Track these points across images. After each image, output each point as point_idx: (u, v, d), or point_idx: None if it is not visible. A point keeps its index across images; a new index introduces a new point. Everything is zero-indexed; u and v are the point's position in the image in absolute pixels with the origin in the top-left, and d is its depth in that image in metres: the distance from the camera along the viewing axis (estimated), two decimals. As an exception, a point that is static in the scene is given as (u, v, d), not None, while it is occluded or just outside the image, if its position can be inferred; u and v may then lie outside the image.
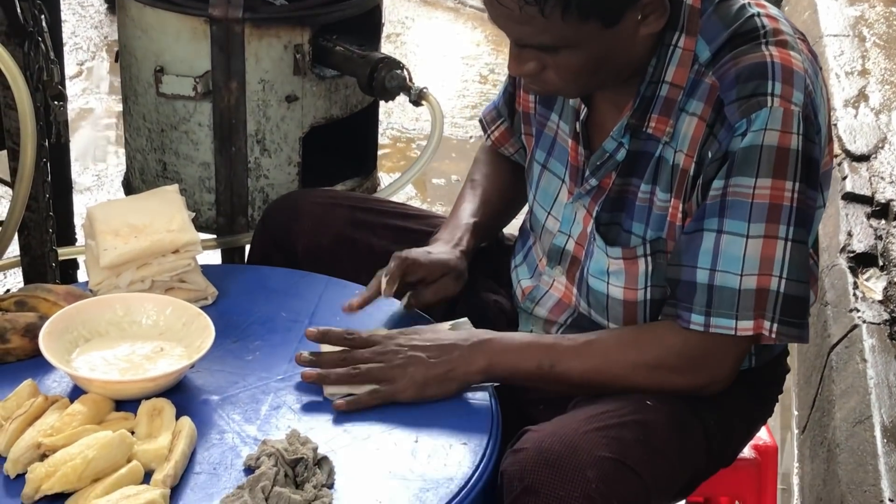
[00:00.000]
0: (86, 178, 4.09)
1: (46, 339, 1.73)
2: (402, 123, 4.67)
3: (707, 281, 1.69)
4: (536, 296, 1.98)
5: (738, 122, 1.66)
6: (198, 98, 2.44)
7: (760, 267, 1.68)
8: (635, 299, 1.82)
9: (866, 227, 3.39)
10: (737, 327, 1.69)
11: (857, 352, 2.84)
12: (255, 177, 2.52)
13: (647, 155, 1.77)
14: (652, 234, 1.78)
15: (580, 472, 1.58)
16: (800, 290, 1.70)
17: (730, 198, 1.67)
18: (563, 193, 1.92)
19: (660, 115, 1.75)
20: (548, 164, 1.95)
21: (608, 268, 1.83)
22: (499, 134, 2.16)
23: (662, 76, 1.74)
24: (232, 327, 1.90)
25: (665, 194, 1.76)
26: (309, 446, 1.60)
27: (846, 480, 2.46)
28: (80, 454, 1.53)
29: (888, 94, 4.26)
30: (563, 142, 1.92)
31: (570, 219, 1.90)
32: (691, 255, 1.71)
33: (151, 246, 1.91)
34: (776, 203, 1.66)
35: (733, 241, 1.68)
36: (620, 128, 1.78)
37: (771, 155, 1.65)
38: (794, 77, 1.67)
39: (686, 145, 1.73)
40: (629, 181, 1.80)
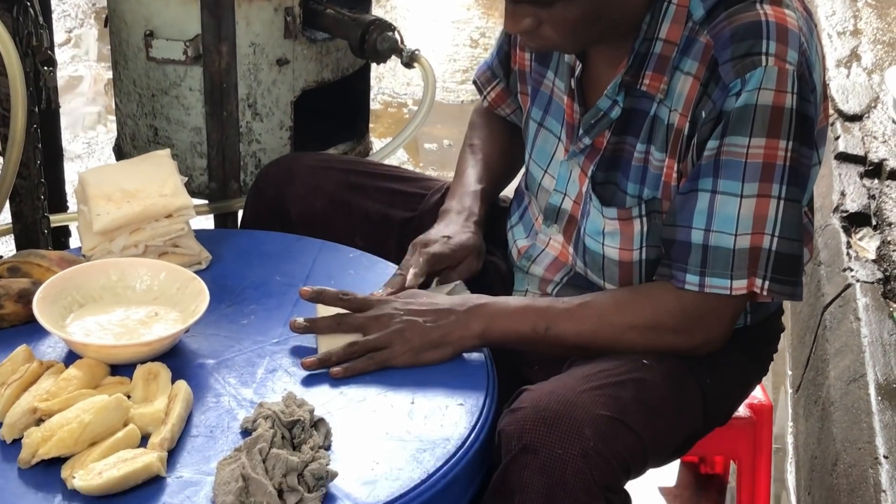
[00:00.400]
0: (76, 146, 4.07)
1: (40, 305, 1.73)
2: (394, 88, 4.65)
3: (702, 241, 1.69)
4: (533, 254, 1.97)
5: (733, 82, 1.65)
6: (188, 62, 2.43)
7: (754, 226, 1.68)
8: (631, 259, 1.82)
9: (859, 187, 3.38)
10: (732, 286, 1.70)
11: (850, 311, 2.84)
12: (246, 141, 2.51)
13: (642, 113, 1.77)
14: (648, 193, 1.78)
15: (578, 430, 1.58)
16: (792, 247, 1.70)
17: (724, 157, 1.67)
18: (560, 151, 1.92)
19: (654, 72, 1.75)
20: (544, 122, 1.95)
21: (603, 228, 1.82)
22: (495, 95, 2.15)
23: (657, 33, 1.74)
24: (226, 291, 1.90)
25: (661, 154, 1.76)
26: (305, 408, 1.60)
27: (841, 438, 2.46)
28: (76, 418, 1.53)
29: (880, 54, 4.25)
30: (559, 99, 1.91)
31: (566, 177, 1.89)
32: (686, 216, 1.71)
33: (144, 210, 1.91)
34: (770, 162, 1.66)
35: (727, 202, 1.68)
36: (615, 85, 1.78)
37: (765, 114, 1.65)
38: (788, 35, 1.66)
39: (681, 104, 1.72)
40: (624, 140, 1.80)
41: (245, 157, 2.53)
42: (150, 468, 1.49)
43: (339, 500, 1.50)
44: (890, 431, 2.39)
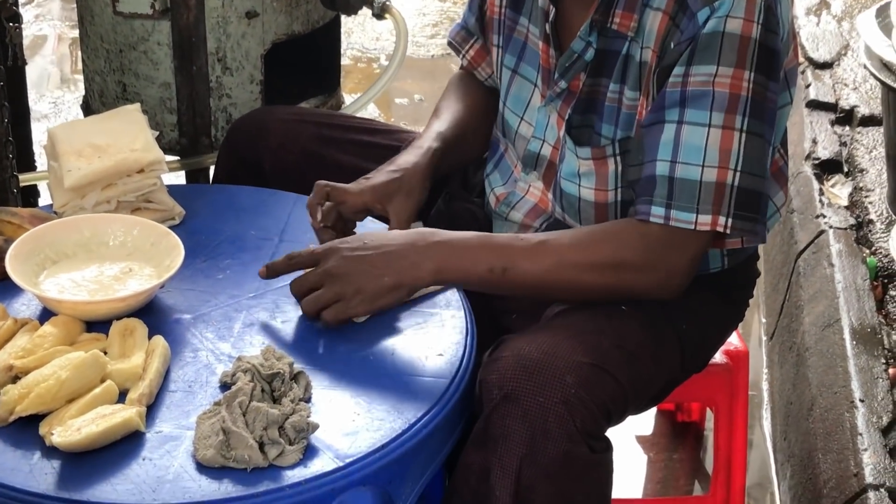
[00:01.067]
0: (42, 106, 4.03)
1: (13, 262, 1.71)
2: (363, 43, 4.61)
3: (668, 173, 1.67)
4: (512, 201, 1.96)
5: (701, 10, 1.65)
6: (156, 16, 2.40)
7: (720, 160, 1.66)
8: (606, 200, 1.81)
9: (831, 134, 3.39)
10: (696, 221, 1.67)
11: (824, 257, 2.85)
12: (217, 96, 2.49)
13: (615, 54, 1.76)
14: (621, 133, 1.77)
15: (559, 377, 1.58)
16: (754, 183, 1.68)
17: (691, 87, 1.66)
18: (536, 98, 1.90)
19: (623, 10, 1.74)
20: (518, 69, 1.93)
21: (578, 169, 1.82)
22: (474, 53, 2.10)
23: None
24: (201, 247, 1.88)
25: (633, 92, 1.75)
26: (285, 361, 1.59)
27: (816, 383, 2.48)
28: (53, 375, 1.51)
29: (849, 1, 4.25)
30: (533, 45, 1.90)
31: (544, 123, 1.88)
32: (651, 149, 1.69)
33: (116, 166, 1.88)
34: (735, 93, 1.65)
35: (694, 131, 1.66)
36: (587, 26, 1.77)
37: (733, 42, 1.64)
38: None
39: (651, 41, 1.72)
40: (599, 81, 1.79)
41: (215, 112, 2.51)
42: (129, 423, 1.48)
43: (321, 452, 1.50)
44: (865, 375, 2.41)
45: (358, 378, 1.63)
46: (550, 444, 1.56)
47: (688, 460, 2.62)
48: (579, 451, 1.57)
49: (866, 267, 2.77)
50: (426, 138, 1.98)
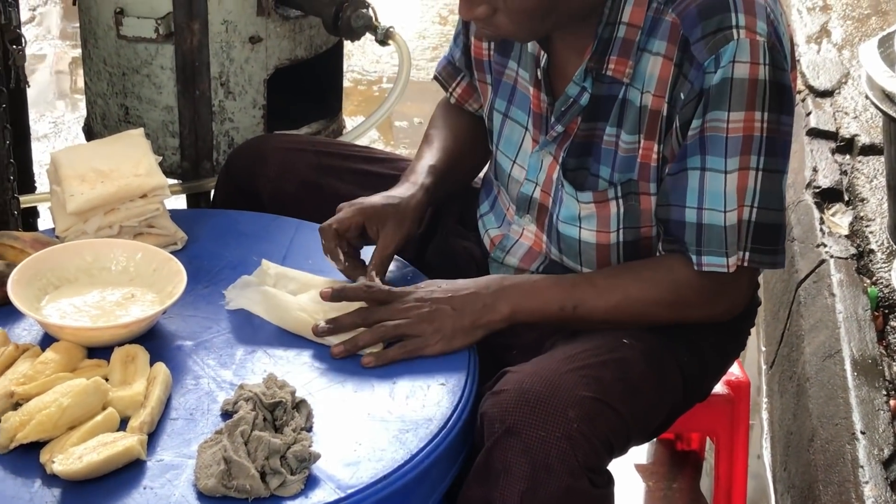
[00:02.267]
0: (42, 126, 4.02)
1: (15, 287, 1.70)
2: (363, 66, 4.62)
3: (696, 220, 1.71)
4: (506, 245, 1.96)
5: (707, 60, 1.65)
6: (160, 40, 2.40)
7: (738, 200, 1.69)
8: (608, 242, 1.82)
9: (831, 163, 3.39)
10: (728, 263, 1.72)
11: (825, 286, 2.85)
12: (219, 120, 2.48)
13: (611, 98, 1.76)
14: (620, 176, 1.77)
15: (561, 411, 1.58)
16: (770, 216, 1.71)
17: (708, 133, 1.68)
18: (528, 141, 1.90)
19: (619, 56, 1.74)
20: (509, 113, 1.92)
21: (579, 213, 1.82)
22: (461, 91, 2.09)
23: (619, 17, 1.72)
24: (203, 272, 1.88)
25: (631, 136, 1.75)
26: (287, 390, 1.58)
27: (817, 414, 2.47)
28: (54, 402, 1.51)
29: (850, 30, 4.26)
30: (523, 89, 1.89)
31: (537, 167, 1.88)
32: (678, 195, 1.72)
33: (118, 191, 1.88)
34: (748, 135, 1.67)
35: (715, 178, 1.69)
36: (581, 72, 1.76)
37: (742, 87, 1.65)
38: (755, 6, 1.67)
39: (653, 86, 1.71)
40: (595, 125, 1.79)
41: (218, 136, 2.50)
42: (130, 452, 1.48)
43: (322, 482, 1.49)
44: (866, 407, 2.40)
45: (360, 407, 1.63)
46: (552, 479, 1.55)
47: (687, 490, 2.61)
48: (581, 486, 1.57)
49: (867, 297, 2.77)
50: (419, 173, 1.98)
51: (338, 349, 1.71)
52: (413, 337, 1.72)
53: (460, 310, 1.74)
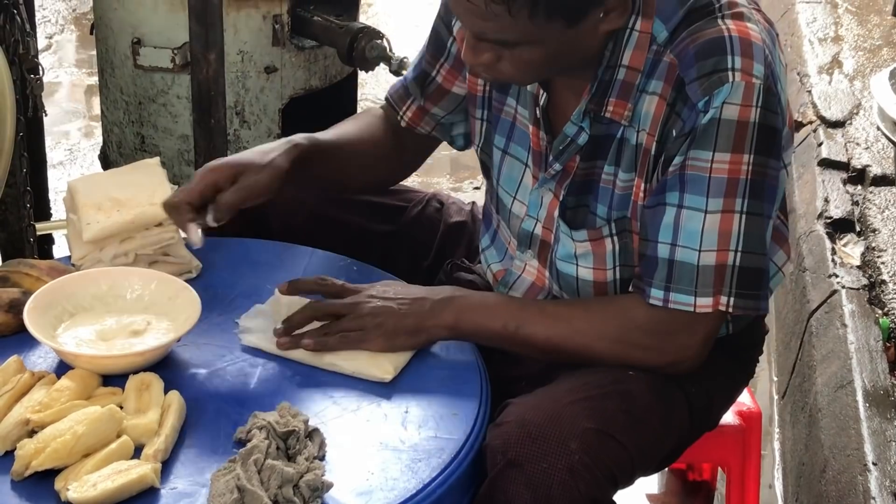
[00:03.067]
0: (58, 153, 4.05)
1: (31, 315, 1.72)
2: (376, 94, 4.64)
3: (668, 256, 1.69)
4: (509, 280, 1.96)
5: (701, 100, 1.64)
6: (176, 70, 2.43)
7: (718, 243, 1.67)
8: (605, 279, 1.82)
9: (843, 193, 3.40)
10: (696, 304, 1.69)
11: (836, 317, 2.85)
12: (234, 149, 2.51)
13: (610, 137, 1.76)
14: (616, 213, 1.78)
15: (563, 443, 1.58)
16: (755, 261, 1.69)
17: (689, 171, 1.66)
18: (528, 178, 1.90)
19: (618, 98, 1.73)
20: (509, 150, 1.92)
21: (575, 251, 1.82)
22: (412, 114, 2.05)
23: (619, 60, 1.72)
24: (217, 300, 1.89)
25: (627, 174, 1.75)
26: (300, 418, 1.59)
27: (829, 445, 2.47)
28: (69, 430, 1.52)
29: (861, 60, 4.27)
30: (523, 126, 1.89)
31: (537, 204, 1.88)
32: (653, 230, 1.70)
33: (134, 219, 1.89)
34: (733, 178, 1.65)
35: (692, 216, 1.67)
36: (579, 112, 1.76)
37: (730, 129, 1.64)
38: (753, 49, 1.65)
39: (647, 124, 1.71)
40: (594, 164, 1.79)
41: (233, 164, 2.52)
42: (144, 480, 1.48)
43: (335, 512, 1.50)
44: (878, 438, 2.40)
45: (372, 436, 1.63)
46: None
47: (699, 520, 2.61)
48: None
49: (879, 328, 2.77)
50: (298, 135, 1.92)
51: (283, 340, 1.75)
52: (356, 330, 1.75)
53: (406, 310, 1.76)
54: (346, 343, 1.75)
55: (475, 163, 2.09)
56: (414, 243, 2.13)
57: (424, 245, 2.13)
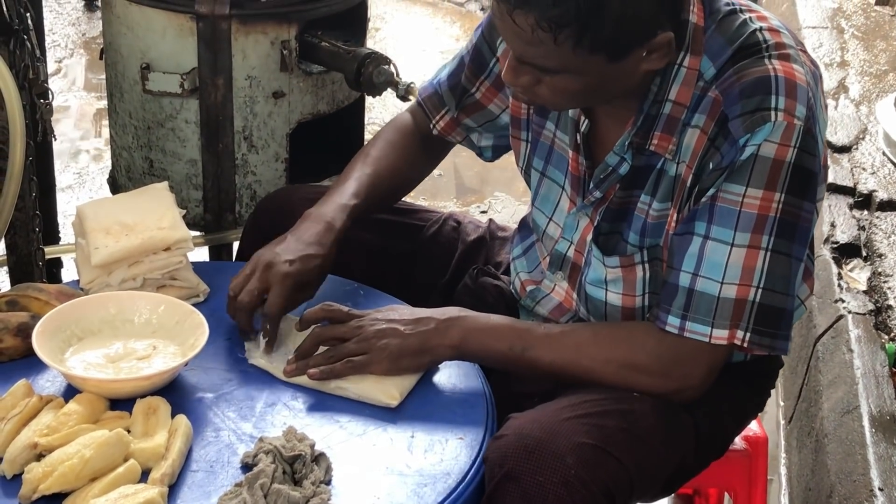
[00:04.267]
0: (67, 177, 4.07)
1: (40, 339, 1.73)
2: (383, 118, 4.66)
3: (688, 285, 1.70)
4: (537, 296, 1.98)
5: (742, 137, 1.65)
6: (185, 95, 2.44)
7: (741, 277, 1.68)
8: (633, 306, 1.83)
9: (849, 218, 3.40)
10: (711, 335, 1.69)
11: (843, 342, 2.85)
12: (242, 173, 2.52)
13: (650, 168, 1.77)
14: (649, 241, 1.79)
15: (559, 457, 1.59)
16: (776, 300, 1.69)
17: (719, 204, 1.67)
18: (564, 201, 1.92)
19: (662, 132, 1.74)
20: (547, 172, 1.95)
21: (606, 276, 1.83)
22: (444, 124, 2.10)
23: (666, 95, 1.73)
24: (225, 324, 1.90)
25: (661, 204, 1.76)
26: (306, 443, 1.60)
27: (835, 470, 2.47)
28: (77, 454, 1.52)
29: (868, 86, 4.28)
30: (561, 150, 1.91)
31: (573, 227, 1.90)
32: (678, 258, 1.71)
33: (143, 244, 1.91)
34: (763, 214, 1.66)
35: (717, 248, 1.68)
36: (622, 143, 1.77)
37: (765, 166, 1.65)
38: (797, 90, 1.66)
39: (688, 156, 1.73)
40: (631, 193, 1.80)
41: (240, 188, 2.54)
42: (151, 503, 1.49)
43: (341, 536, 1.50)
44: (884, 464, 2.39)
45: (378, 460, 1.64)
46: None
47: (705, 545, 2.60)
48: None
49: (885, 353, 2.77)
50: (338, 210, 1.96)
51: (289, 367, 1.76)
52: (361, 354, 1.75)
53: (410, 331, 1.77)
54: (352, 369, 1.75)
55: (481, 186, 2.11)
56: (431, 261, 2.15)
57: (442, 263, 2.15)
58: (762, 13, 1.76)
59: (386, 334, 1.77)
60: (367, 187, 2.01)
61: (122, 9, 2.46)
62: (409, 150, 2.12)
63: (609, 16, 1.57)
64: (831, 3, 5.15)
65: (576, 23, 1.57)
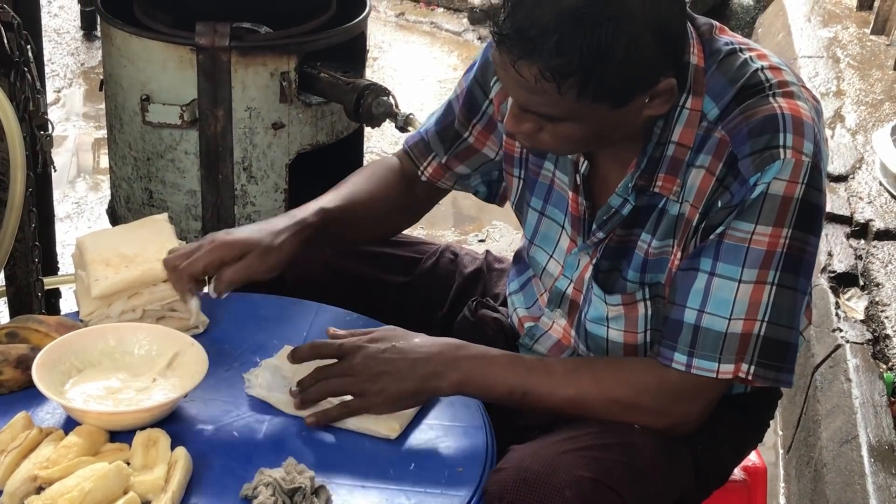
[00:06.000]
0: (65, 206, 4.07)
1: (39, 371, 1.72)
2: (382, 147, 4.67)
3: (694, 321, 1.70)
4: (535, 334, 1.98)
5: (752, 176, 1.66)
6: (184, 126, 2.45)
7: (748, 312, 1.68)
8: (635, 342, 1.83)
9: (846, 248, 3.41)
10: (718, 370, 1.70)
11: (841, 371, 2.85)
12: (241, 204, 2.53)
13: (651, 207, 1.78)
14: (650, 278, 1.79)
15: (558, 491, 1.59)
16: (780, 333, 1.70)
17: (727, 241, 1.68)
18: (564, 240, 1.92)
19: (666, 173, 1.75)
20: (546, 212, 1.95)
21: (607, 314, 1.83)
22: (432, 171, 2.09)
23: (669, 137, 1.74)
24: (224, 356, 1.90)
25: (661, 241, 1.77)
26: (306, 475, 1.60)
27: (834, 500, 2.47)
28: (76, 486, 1.52)
29: (864, 115, 4.30)
30: (561, 190, 1.91)
31: (574, 265, 1.90)
32: (682, 294, 1.72)
33: (143, 275, 1.91)
34: (771, 250, 1.67)
35: (724, 285, 1.68)
36: (626, 185, 1.78)
37: (774, 203, 1.66)
38: (803, 127, 1.67)
39: (692, 196, 1.73)
40: (631, 231, 1.81)
41: (240, 219, 2.54)
42: (151, 536, 1.49)
43: (341, 568, 1.50)
44: (883, 494, 2.39)
45: (378, 492, 1.63)
46: None
47: (704, 576, 2.59)
48: None
49: (884, 383, 2.77)
50: (305, 209, 1.94)
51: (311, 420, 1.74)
52: (358, 396, 1.73)
53: (408, 373, 1.74)
54: (349, 411, 1.74)
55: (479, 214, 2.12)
56: (429, 294, 2.14)
57: (440, 295, 2.15)
58: (761, 51, 1.77)
59: (381, 377, 1.73)
60: (339, 198, 1.99)
61: (123, 41, 2.48)
62: (390, 182, 2.09)
63: (612, 65, 1.58)
64: (827, 32, 5.18)
65: (579, 72, 1.58)
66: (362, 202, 2.04)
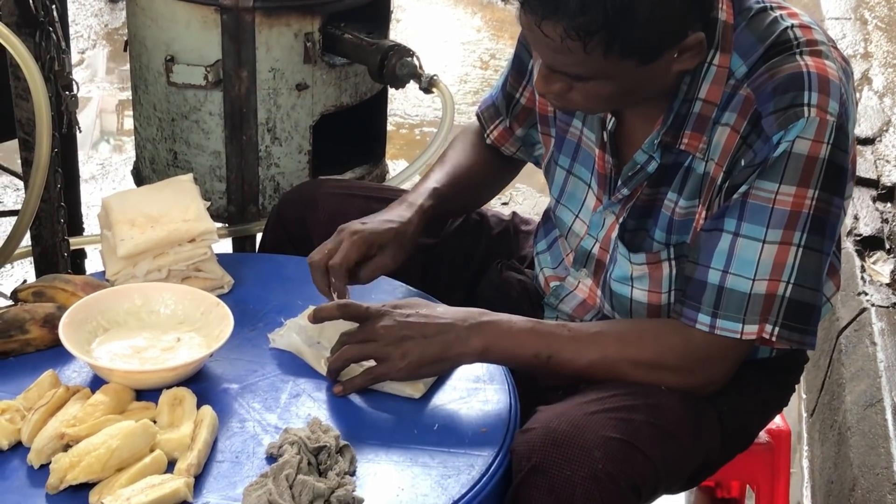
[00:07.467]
0: (90, 167, 4.09)
1: (66, 330, 1.74)
2: (405, 109, 4.67)
3: (718, 282, 1.70)
4: (560, 293, 1.98)
5: (776, 134, 1.65)
6: (208, 87, 2.44)
7: (772, 272, 1.68)
8: (659, 302, 1.83)
9: (872, 211, 3.39)
10: (742, 331, 1.70)
11: (866, 335, 2.84)
12: (265, 165, 2.52)
13: (678, 165, 1.77)
14: (676, 238, 1.79)
15: (587, 451, 1.59)
16: (806, 295, 1.69)
17: (751, 200, 1.67)
18: (591, 199, 1.92)
19: (693, 130, 1.75)
20: (573, 170, 1.95)
21: (632, 273, 1.83)
22: (497, 134, 2.13)
23: (696, 93, 1.73)
24: (249, 316, 1.91)
25: (687, 201, 1.76)
26: (331, 434, 1.60)
27: (858, 463, 2.47)
28: (103, 444, 1.54)
29: (891, 77, 4.26)
30: (588, 148, 1.91)
31: (599, 224, 1.90)
32: (706, 255, 1.71)
33: (168, 235, 1.92)
34: (796, 210, 1.66)
35: (749, 245, 1.68)
36: (652, 142, 1.77)
37: (799, 163, 1.65)
38: (829, 86, 1.66)
39: (717, 154, 1.72)
40: (658, 190, 1.80)
41: (264, 180, 2.54)
42: (177, 494, 1.50)
43: (366, 527, 1.51)
44: (907, 457, 2.39)
45: (402, 452, 1.64)
46: None
47: (727, 538, 2.60)
48: None
49: (908, 346, 2.76)
50: (420, 194, 2.01)
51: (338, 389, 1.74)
52: (381, 361, 1.73)
53: (431, 338, 1.73)
54: (372, 380, 1.74)
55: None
56: (455, 255, 2.15)
57: (466, 256, 2.15)
58: (792, 10, 1.75)
59: (405, 342, 1.73)
60: (446, 176, 2.06)
61: (147, 1, 2.47)
62: (481, 153, 2.16)
63: (638, 20, 1.57)
64: (855, -6, 5.13)
65: (605, 30, 1.57)
66: (465, 176, 2.10)
